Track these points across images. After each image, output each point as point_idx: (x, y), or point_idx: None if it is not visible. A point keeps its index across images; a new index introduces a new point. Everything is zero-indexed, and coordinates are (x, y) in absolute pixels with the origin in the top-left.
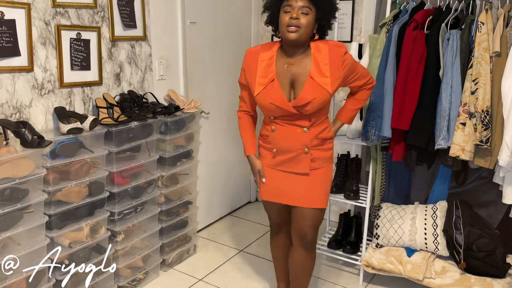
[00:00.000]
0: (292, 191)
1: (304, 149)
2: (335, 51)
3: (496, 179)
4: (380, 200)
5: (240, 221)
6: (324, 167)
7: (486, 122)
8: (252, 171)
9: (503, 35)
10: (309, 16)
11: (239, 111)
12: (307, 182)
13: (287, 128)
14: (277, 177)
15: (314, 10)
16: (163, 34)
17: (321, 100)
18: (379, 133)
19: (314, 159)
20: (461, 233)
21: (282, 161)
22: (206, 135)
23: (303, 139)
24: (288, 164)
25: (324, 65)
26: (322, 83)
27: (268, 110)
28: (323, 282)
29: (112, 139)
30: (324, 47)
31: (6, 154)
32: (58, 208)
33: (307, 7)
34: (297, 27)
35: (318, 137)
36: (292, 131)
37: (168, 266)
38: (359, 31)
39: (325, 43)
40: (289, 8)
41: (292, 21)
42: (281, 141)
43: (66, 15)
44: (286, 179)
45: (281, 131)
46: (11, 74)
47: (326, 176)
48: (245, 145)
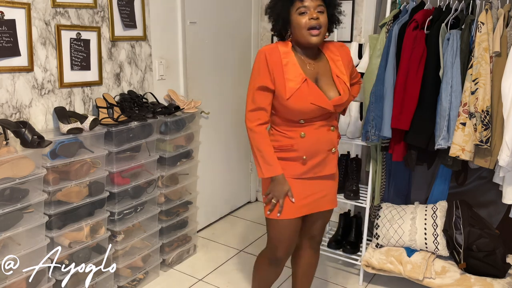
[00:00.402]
0: (316, 196)
1: (332, 148)
2: (343, 50)
3: (496, 179)
4: (380, 200)
5: (240, 221)
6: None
7: (486, 122)
8: (277, 193)
9: (503, 35)
10: (325, 14)
11: (257, 125)
12: (330, 183)
13: (318, 130)
14: (305, 187)
15: (325, 8)
16: (163, 34)
17: (349, 97)
18: (379, 133)
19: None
20: (461, 233)
21: (312, 166)
22: (206, 135)
23: (331, 138)
24: (317, 169)
25: (340, 64)
26: (346, 81)
27: (303, 113)
28: (323, 282)
29: (112, 139)
30: (332, 46)
31: (6, 154)
32: (58, 208)
33: (322, 5)
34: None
35: (339, 134)
36: (322, 133)
37: (168, 266)
38: (359, 31)
39: (332, 44)
40: (304, 9)
41: (313, 22)
42: (311, 145)
43: (66, 15)
44: (313, 186)
45: (312, 134)
46: (11, 74)
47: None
48: (272, 163)
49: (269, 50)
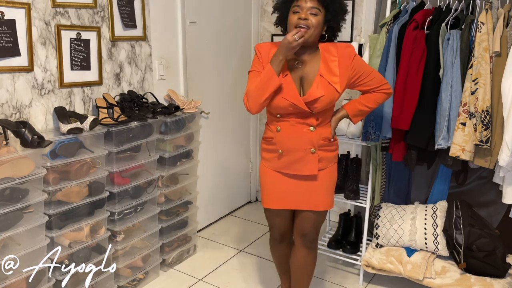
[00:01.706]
0: (298, 195)
1: (311, 149)
2: (344, 52)
3: (496, 179)
4: (380, 200)
5: (240, 221)
6: (329, 167)
7: (486, 122)
8: (284, 48)
9: (503, 35)
10: (318, 17)
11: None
12: (312, 184)
13: (294, 127)
14: (283, 180)
15: (323, 11)
16: (163, 34)
17: (330, 97)
18: (379, 133)
19: (321, 159)
20: (461, 233)
21: (288, 162)
22: (206, 135)
23: (309, 138)
24: (294, 166)
25: (333, 65)
26: (331, 81)
27: (278, 107)
28: (323, 282)
29: (112, 139)
30: (333, 48)
31: (6, 154)
32: (58, 208)
33: (316, 8)
34: (306, 27)
35: (324, 137)
36: (298, 130)
37: (168, 266)
38: (359, 31)
39: (334, 45)
40: (298, 8)
41: (300, 21)
42: (287, 141)
43: (66, 15)
44: (291, 184)
45: (287, 130)
46: (11, 74)
47: (331, 177)
48: (266, 73)
49: (260, 45)
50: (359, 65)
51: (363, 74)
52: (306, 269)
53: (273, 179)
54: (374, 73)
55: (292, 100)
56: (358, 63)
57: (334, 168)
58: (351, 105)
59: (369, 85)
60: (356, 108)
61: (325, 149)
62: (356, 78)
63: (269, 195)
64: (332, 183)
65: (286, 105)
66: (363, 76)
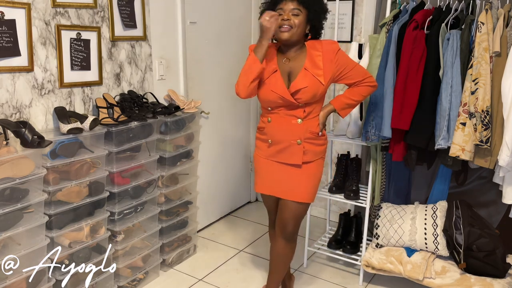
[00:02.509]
0: (283, 183)
1: (297, 140)
2: (328, 47)
3: (496, 179)
4: (380, 200)
5: (240, 221)
6: (315, 161)
7: (486, 122)
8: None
9: (503, 35)
10: (300, 17)
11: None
12: (296, 175)
13: (283, 118)
14: (271, 168)
15: (305, 11)
16: (163, 34)
17: (314, 89)
18: (379, 133)
19: (306, 152)
20: (461, 233)
21: (276, 151)
22: (206, 135)
23: (296, 130)
24: (281, 155)
25: (318, 59)
26: (315, 74)
27: (268, 100)
28: (323, 282)
29: (112, 139)
30: (318, 44)
31: (6, 154)
32: (58, 208)
33: (297, 9)
34: (289, 27)
35: (312, 131)
36: (287, 122)
37: (168, 266)
38: (359, 31)
39: (319, 41)
40: (281, 11)
41: (283, 22)
42: (276, 132)
43: (66, 15)
44: (279, 170)
45: (276, 121)
46: (11, 74)
47: (316, 171)
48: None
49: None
50: (342, 59)
51: (346, 67)
52: (282, 259)
53: (262, 165)
54: (357, 67)
55: (280, 93)
56: (341, 58)
57: (320, 163)
58: (337, 99)
59: (352, 78)
60: (343, 102)
61: (311, 142)
62: (340, 72)
63: (259, 180)
64: (314, 177)
65: (275, 98)
66: (347, 69)
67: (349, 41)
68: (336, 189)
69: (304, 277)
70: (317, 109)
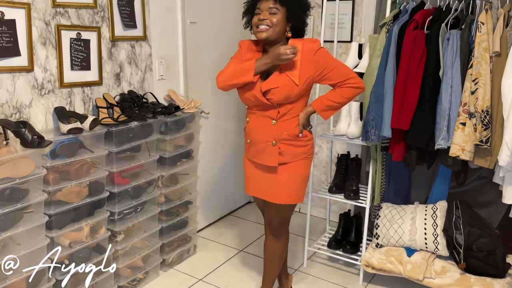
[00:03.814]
0: (264, 184)
1: (272, 141)
2: (308, 47)
3: (496, 179)
4: (380, 200)
5: (240, 221)
6: (295, 162)
7: (486, 122)
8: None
9: (503, 35)
10: (278, 15)
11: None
12: (273, 177)
13: (259, 119)
14: (253, 170)
15: (284, 9)
16: (163, 34)
17: (286, 89)
18: (379, 133)
19: (283, 153)
20: (461, 233)
21: (255, 152)
22: (206, 135)
23: (271, 131)
24: (259, 156)
25: (296, 59)
26: (290, 75)
27: (243, 97)
28: (323, 282)
29: (112, 139)
30: (299, 43)
31: (6, 154)
32: (58, 208)
33: (275, 8)
34: (267, 27)
35: (288, 132)
36: (263, 122)
37: (168, 266)
38: (359, 31)
39: (301, 40)
40: (258, 10)
41: (260, 22)
42: (254, 132)
43: (66, 15)
44: (259, 172)
45: (254, 121)
46: (11, 74)
47: (297, 171)
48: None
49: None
50: (322, 59)
51: (326, 68)
52: (273, 256)
53: (246, 167)
54: (339, 67)
55: (253, 91)
56: (321, 57)
57: (301, 163)
58: (318, 100)
59: (333, 79)
60: (323, 104)
61: (289, 143)
62: (320, 72)
63: (246, 181)
64: (296, 178)
65: (248, 96)
66: (327, 70)
67: (349, 41)
68: (336, 189)
69: (304, 277)
70: (295, 110)
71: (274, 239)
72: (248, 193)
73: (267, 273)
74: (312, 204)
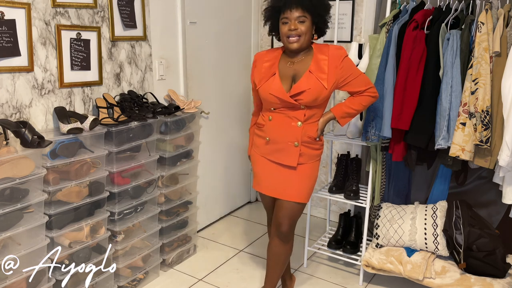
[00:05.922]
0: (278, 183)
1: (295, 142)
2: (335, 52)
3: (496, 179)
4: (380, 200)
5: (240, 221)
6: (310, 163)
7: (486, 122)
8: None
9: (503, 35)
10: (306, 23)
11: (253, 114)
12: (290, 175)
13: (283, 119)
14: (267, 167)
15: (310, 16)
16: (163, 34)
17: (316, 91)
18: (379, 133)
19: (302, 154)
20: (461, 233)
21: (273, 150)
22: (206, 135)
23: (295, 132)
24: (277, 155)
25: (323, 63)
26: (319, 77)
27: (269, 102)
28: (323, 282)
29: (112, 139)
30: (326, 48)
31: (6, 154)
32: (58, 208)
33: (303, 16)
34: (298, 37)
35: (310, 135)
36: (286, 123)
37: (168, 266)
38: (359, 31)
39: (327, 46)
40: (286, 19)
41: (291, 32)
42: (275, 131)
43: (66, 15)
44: (275, 170)
45: (277, 121)
46: (11, 74)
47: (311, 172)
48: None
49: (258, 54)
50: (347, 66)
51: (351, 75)
52: (277, 258)
53: (258, 164)
54: (361, 76)
55: (276, 94)
56: (347, 64)
57: (314, 165)
58: (338, 107)
59: (356, 87)
60: (343, 111)
61: (308, 146)
62: (344, 78)
63: (256, 178)
64: (308, 178)
65: (273, 100)
66: (351, 77)
67: (349, 41)
68: (336, 189)
69: (304, 277)
70: (318, 114)
71: (281, 243)
72: (256, 189)
73: (270, 275)
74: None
